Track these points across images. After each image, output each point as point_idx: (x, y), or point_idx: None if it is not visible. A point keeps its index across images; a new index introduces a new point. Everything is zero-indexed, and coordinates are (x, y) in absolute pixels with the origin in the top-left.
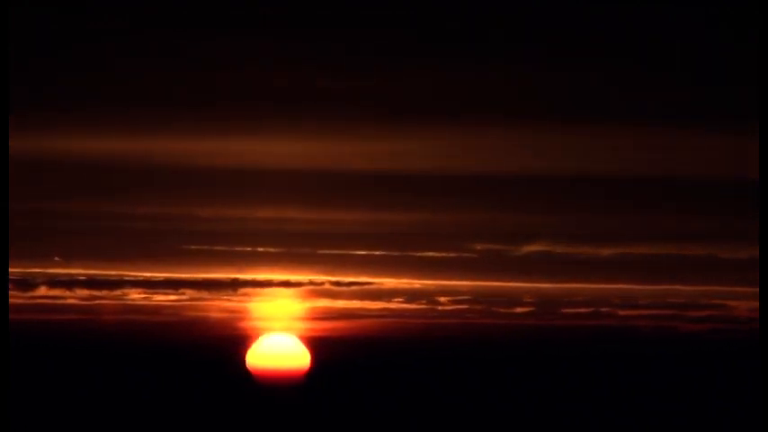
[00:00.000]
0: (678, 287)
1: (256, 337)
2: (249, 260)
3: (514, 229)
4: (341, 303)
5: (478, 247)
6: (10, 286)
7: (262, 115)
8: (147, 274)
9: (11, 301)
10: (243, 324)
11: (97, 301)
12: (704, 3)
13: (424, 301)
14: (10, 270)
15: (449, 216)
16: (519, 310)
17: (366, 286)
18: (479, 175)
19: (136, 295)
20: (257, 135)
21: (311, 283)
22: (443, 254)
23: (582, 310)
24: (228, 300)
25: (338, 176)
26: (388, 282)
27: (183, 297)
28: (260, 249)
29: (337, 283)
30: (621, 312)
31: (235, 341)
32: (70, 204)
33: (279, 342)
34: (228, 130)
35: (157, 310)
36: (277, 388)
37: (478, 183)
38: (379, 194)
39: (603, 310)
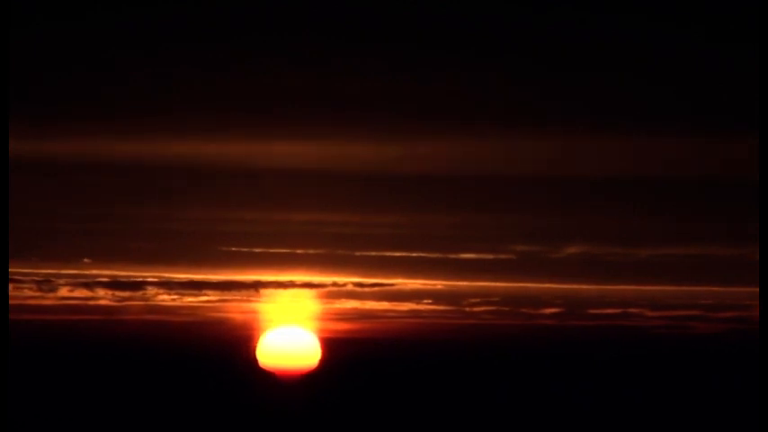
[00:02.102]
0: (713, 288)
1: (266, 334)
2: (286, 262)
3: (555, 231)
4: (359, 304)
5: (518, 248)
6: (33, 287)
7: (303, 119)
8: (181, 276)
9: (34, 302)
10: (256, 324)
11: (122, 303)
12: (704, 3)
13: (448, 303)
14: (35, 271)
15: (489, 218)
16: (546, 311)
17: (388, 287)
18: (519, 177)
19: (163, 296)
20: (298, 139)
21: (334, 284)
22: (481, 255)
23: (609, 311)
24: (248, 300)
25: (379, 179)
26: (414, 283)
27: (209, 298)
28: (299, 251)
29: (360, 285)
30: (649, 313)
31: (245, 339)
32: (113, 208)
33: (287, 339)
34: (270, 133)
35: (175, 310)
36: (282, 384)
37: (518, 185)
38: (419, 197)
39: (632, 311)
